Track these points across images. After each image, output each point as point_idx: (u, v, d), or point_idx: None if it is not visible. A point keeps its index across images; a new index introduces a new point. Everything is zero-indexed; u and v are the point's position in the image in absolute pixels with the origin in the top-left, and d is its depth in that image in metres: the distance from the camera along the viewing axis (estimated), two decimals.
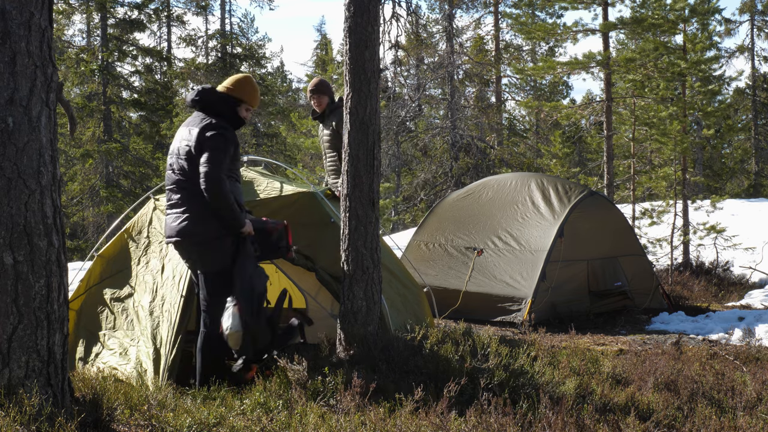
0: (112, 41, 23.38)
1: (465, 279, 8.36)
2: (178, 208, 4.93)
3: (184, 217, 4.89)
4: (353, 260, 5.12)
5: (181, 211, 4.90)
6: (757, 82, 32.10)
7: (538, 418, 3.93)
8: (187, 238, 4.90)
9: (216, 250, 4.88)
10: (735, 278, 12.21)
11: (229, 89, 5.12)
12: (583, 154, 31.00)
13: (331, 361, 4.73)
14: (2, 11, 3.53)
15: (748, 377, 5.19)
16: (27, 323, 3.58)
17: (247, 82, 5.20)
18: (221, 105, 5.04)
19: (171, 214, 4.96)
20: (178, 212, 4.91)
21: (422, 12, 27.79)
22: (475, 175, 22.17)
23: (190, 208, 4.89)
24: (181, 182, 4.93)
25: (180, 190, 4.93)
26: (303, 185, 6.36)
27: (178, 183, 4.95)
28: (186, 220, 4.88)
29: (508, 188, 9.03)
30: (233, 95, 5.10)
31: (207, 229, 4.85)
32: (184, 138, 4.96)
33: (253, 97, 5.20)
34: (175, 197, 4.95)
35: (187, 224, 4.88)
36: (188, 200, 4.89)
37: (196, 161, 4.84)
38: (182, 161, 4.92)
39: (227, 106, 5.05)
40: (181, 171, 4.93)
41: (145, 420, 3.93)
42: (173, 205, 4.96)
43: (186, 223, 4.88)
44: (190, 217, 4.87)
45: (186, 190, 4.90)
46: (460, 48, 24.78)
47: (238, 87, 5.14)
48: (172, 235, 4.96)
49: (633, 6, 14.54)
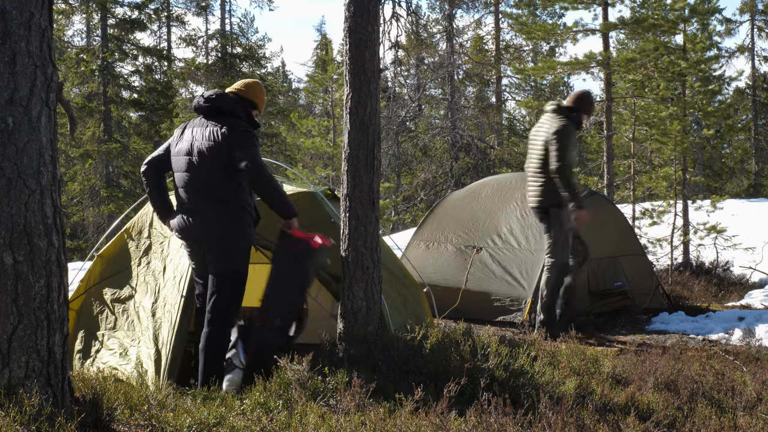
0: (112, 41, 23.39)
1: (465, 279, 8.36)
2: (195, 210, 4.91)
3: (202, 220, 4.87)
4: (353, 260, 5.13)
5: (199, 213, 4.88)
6: (757, 82, 32.12)
7: (538, 418, 3.93)
8: (206, 241, 4.91)
9: (233, 252, 4.91)
10: (735, 278, 12.21)
11: (242, 92, 5.11)
12: (583, 154, 31.00)
13: (331, 361, 4.73)
14: (2, 11, 3.53)
15: (748, 377, 5.19)
16: (27, 323, 3.58)
17: (259, 86, 5.23)
18: (238, 108, 5.00)
19: (187, 214, 4.93)
20: (196, 214, 4.90)
21: (422, 12, 27.80)
22: (475, 175, 22.18)
23: (208, 210, 4.87)
24: (195, 183, 4.89)
25: (194, 191, 4.90)
26: (303, 185, 6.37)
27: (192, 183, 4.89)
28: (205, 224, 4.87)
29: (508, 188, 9.03)
30: (248, 98, 5.10)
31: (227, 232, 4.86)
32: (198, 138, 4.89)
33: (263, 102, 5.24)
34: (191, 197, 4.92)
35: (207, 228, 4.88)
36: (204, 202, 4.88)
37: (220, 161, 4.79)
38: (199, 161, 4.85)
39: (243, 110, 5.04)
40: (196, 171, 4.86)
41: (145, 420, 3.93)
42: (189, 208, 4.93)
43: (206, 228, 4.88)
44: (210, 222, 4.87)
45: (202, 191, 4.88)
46: (460, 48, 24.79)
47: (251, 91, 5.14)
48: (189, 236, 4.95)
49: (633, 6, 14.54)
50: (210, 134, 4.88)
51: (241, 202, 4.90)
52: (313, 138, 23.25)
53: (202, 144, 4.88)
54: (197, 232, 4.92)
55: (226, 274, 4.92)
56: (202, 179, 4.89)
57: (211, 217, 4.88)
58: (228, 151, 4.80)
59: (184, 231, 4.97)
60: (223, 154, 4.81)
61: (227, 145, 4.81)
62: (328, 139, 22.97)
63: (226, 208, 4.87)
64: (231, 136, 4.82)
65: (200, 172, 4.88)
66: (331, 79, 22.96)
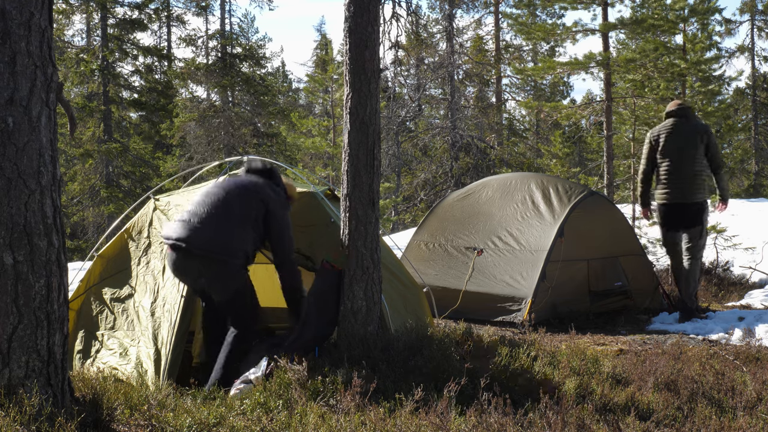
0: (112, 41, 23.40)
1: (465, 279, 8.35)
2: (212, 229, 5.04)
3: (216, 242, 5.01)
4: (353, 260, 5.12)
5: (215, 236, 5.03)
6: (757, 82, 32.12)
7: (538, 418, 3.93)
8: (216, 264, 5.02)
9: (231, 279, 5.07)
10: (735, 278, 12.19)
11: (287, 186, 5.50)
12: (583, 154, 31.00)
13: (331, 361, 4.73)
14: (2, 11, 3.53)
15: (748, 377, 5.18)
16: (27, 323, 3.58)
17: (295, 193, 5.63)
18: (281, 182, 5.44)
19: (201, 227, 5.02)
20: (208, 229, 5.03)
21: (422, 12, 27.81)
22: (475, 175, 22.18)
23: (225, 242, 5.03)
24: (220, 210, 5.06)
25: (215, 215, 5.05)
26: (303, 185, 6.37)
27: (216, 209, 5.06)
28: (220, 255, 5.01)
29: (508, 188, 9.02)
30: (288, 193, 5.47)
31: (233, 267, 5.03)
32: (245, 184, 5.22)
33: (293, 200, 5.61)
34: (208, 216, 5.07)
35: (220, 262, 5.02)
36: (223, 230, 5.04)
37: (257, 213, 5.10)
38: (237, 199, 5.10)
39: (287, 202, 5.42)
40: (227, 204, 5.07)
41: (145, 420, 3.93)
42: (203, 222, 5.06)
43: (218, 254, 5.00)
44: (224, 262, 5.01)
45: (222, 218, 5.05)
46: (460, 48, 24.80)
47: (292, 191, 5.54)
48: (199, 245, 5.01)
49: (633, 6, 14.54)
50: (255, 186, 5.29)
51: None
52: (313, 138, 23.24)
53: (241, 188, 5.28)
54: (202, 243, 5.09)
55: (228, 299, 5.12)
56: (225, 208, 5.22)
57: (224, 256, 5.11)
58: (265, 210, 5.24)
59: (194, 241, 5.10)
60: (261, 208, 5.23)
61: (270, 205, 5.24)
62: (328, 139, 22.97)
63: (237, 250, 5.15)
64: (276, 204, 5.28)
65: (225, 203, 5.21)
66: (331, 79, 22.96)
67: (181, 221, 5.08)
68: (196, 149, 24.42)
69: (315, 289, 5.18)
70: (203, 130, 24.47)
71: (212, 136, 24.52)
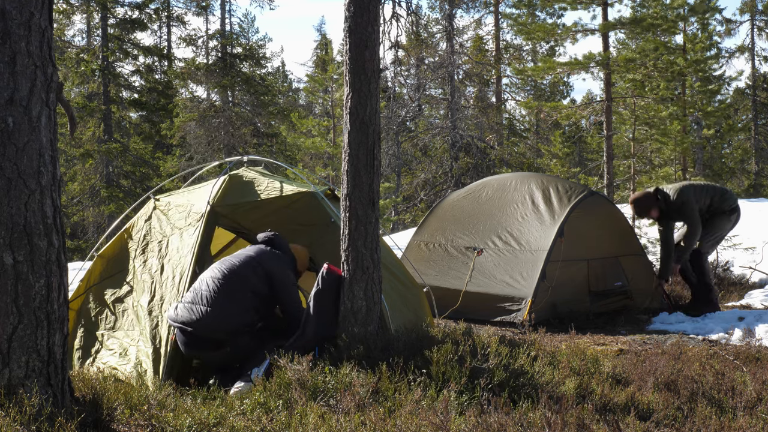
0: (112, 41, 23.39)
1: (465, 279, 8.35)
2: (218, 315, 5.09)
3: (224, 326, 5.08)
4: (353, 260, 5.13)
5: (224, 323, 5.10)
6: (757, 82, 32.11)
7: (537, 418, 3.92)
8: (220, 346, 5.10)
9: (242, 349, 5.15)
10: (735, 278, 12.18)
11: (295, 251, 5.58)
12: (583, 154, 31.01)
13: (331, 361, 4.73)
14: (2, 11, 3.53)
15: (748, 377, 5.18)
16: (27, 323, 3.58)
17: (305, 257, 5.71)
18: (289, 251, 5.50)
19: (209, 312, 5.05)
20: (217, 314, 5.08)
21: (422, 12, 27.81)
22: (475, 175, 22.18)
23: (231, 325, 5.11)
24: (225, 289, 5.10)
25: (220, 295, 5.09)
26: (303, 185, 6.37)
27: (221, 288, 5.12)
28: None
29: (508, 188, 9.02)
30: (295, 262, 5.57)
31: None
32: (250, 254, 5.31)
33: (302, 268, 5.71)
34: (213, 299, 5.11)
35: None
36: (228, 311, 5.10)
37: (262, 287, 5.23)
38: (244, 270, 5.20)
39: (292, 261, 5.52)
40: (230, 283, 5.13)
41: (145, 420, 3.93)
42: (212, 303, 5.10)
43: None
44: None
45: (226, 299, 5.09)
46: (460, 48, 24.81)
47: (300, 258, 5.62)
48: (205, 330, 5.05)
49: (632, 6, 14.54)
50: (259, 255, 5.42)
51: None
52: (313, 138, 23.22)
53: (246, 259, 5.40)
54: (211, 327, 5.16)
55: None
56: (233, 284, 5.32)
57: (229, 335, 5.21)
58: (271, 277, 5.39)
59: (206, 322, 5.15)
60: (266, 276, 5.38)
61: (273, 273, 5.39)
62: (328, 139, 22.97)
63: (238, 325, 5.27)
64: (282, 272, 5.45)
65: (236, 277, 5.33)
66: (331, 79, 22.95)
67: (186, 304, 5.10)
68: (196, 149, 24.43)
69: (316, 290, 5.18)
70: (203, 130, 24.48)
71: (212, 136, 24.53)
